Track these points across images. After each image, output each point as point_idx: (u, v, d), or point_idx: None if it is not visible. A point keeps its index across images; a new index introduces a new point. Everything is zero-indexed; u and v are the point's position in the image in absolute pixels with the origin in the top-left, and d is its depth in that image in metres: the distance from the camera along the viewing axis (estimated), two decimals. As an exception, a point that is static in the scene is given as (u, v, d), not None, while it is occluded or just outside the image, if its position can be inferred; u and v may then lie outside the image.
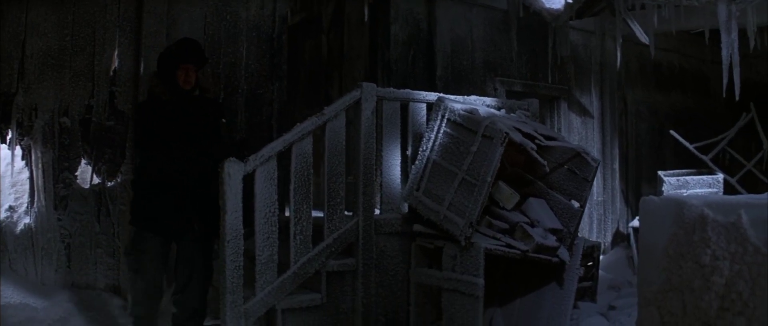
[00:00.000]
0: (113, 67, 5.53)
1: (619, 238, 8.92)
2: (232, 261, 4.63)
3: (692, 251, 3.18)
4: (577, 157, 5.67)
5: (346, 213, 5.24)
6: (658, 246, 3.36)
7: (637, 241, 8.21)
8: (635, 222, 8.34)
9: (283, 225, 4.95)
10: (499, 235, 5.31)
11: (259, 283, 4.78)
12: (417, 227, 5.43)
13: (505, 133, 4.92)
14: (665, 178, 8.12)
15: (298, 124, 4.98)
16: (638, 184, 9.30)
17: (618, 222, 8.95)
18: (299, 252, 4.96)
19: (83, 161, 5.45)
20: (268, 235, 4.81)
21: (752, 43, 6.23)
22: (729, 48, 5.79)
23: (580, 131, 8.50)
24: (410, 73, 6.96)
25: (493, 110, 5.68)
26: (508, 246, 5.24)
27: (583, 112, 8.55)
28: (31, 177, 5.35)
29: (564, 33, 8.14)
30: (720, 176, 8.10)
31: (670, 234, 3.30)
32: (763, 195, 3.36)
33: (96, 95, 5.46)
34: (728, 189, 8.15)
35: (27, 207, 5.34)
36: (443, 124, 5.34)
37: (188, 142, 4.80)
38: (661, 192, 8.12)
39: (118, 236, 5.53)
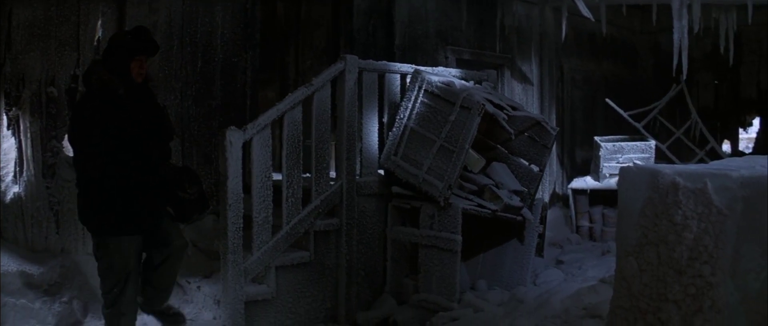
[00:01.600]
0: (97, 37, 5.93)
1: (556, 199, 9.85)
2: (233, 223, 5.18)
3: (666, 211, 3.96)
4: (538, 125, 6.46)
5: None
6: (635, 208, 4.13)
7: (575, 202, 9.16)
8: (574, 184, 9.27)
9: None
10: (470, 197, 6.05)
11: (256, 243, 5.35)
12: (395, 189, 6.11)
13: (483, 104, 5.64)
14: (601, 143, 9.06)
15: (290, 93, 5.55)
16: (573, 149, 10.24)
17: (554, 184, 9.87)
18: (291, 213, 5.56)
19: (70, 129, 5.86)
20: (264, 198, 5.38)
21: (697, 27, 7.15)
22: (680, 32, 6.68)
23: (521, 97, 9.32)
24: (371, 42, 7.57)
25: (464, 82, 6.39)
26: (480, 206, 6.00)
27: (524, 79, 9.37)
28: (19, 147, 5.72)
29: (509, 4, 8.91)
30: (652, 143, 9.10)
31: (646, 198, 4.07)
32: (724, 166, 4.18)
33: (81, 65, 5.85)
34: (659, 154, 9.17)
35: (14, 176, 5.73)
36: (421, 95, 6.02)
37: (153, 136, 4.66)
38: (598, 157, 9.06)
39: (104, 201, 5.97)
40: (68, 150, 5.79)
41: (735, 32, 8.67)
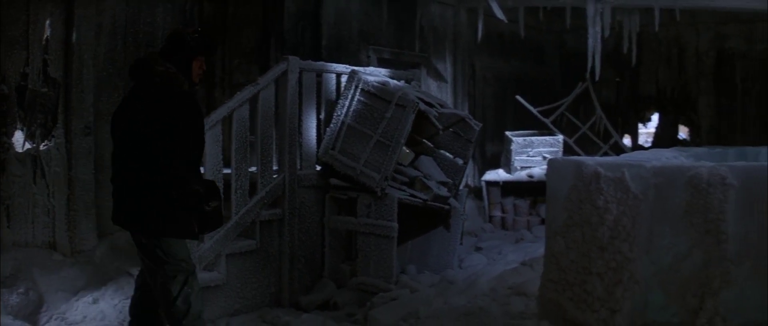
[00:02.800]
0: (45, 36, 6.34)
1: (469, 191, 10.69)
2: (187, 213, 5.73)
3: (589, 197, 4.77)
4: (462, 121, 7.24)
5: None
6: (562, 194, 4.92)
7: (488, 194, 10.02)
8: (487, 176, 10.13)
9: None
10: (403, 187, 6.77)
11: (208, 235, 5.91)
12: (333, 181, 6.76)
13: (417, 102, 6.37)
14: (513, 138, 9.95)
15: (238, 92, 6.13)
16: (484, 143, 11.11)
17: (467, 177, 10.71)
18: (239, 204, 6.13)
19: (18, 126, 6.26)
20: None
21: (608, 32, 8.09)
22: (594, 38, 7.60)
23: (436, 94, 10.07)
24: (300, 42, 8.17)
25: (397, 82, 7.10)
26: (413, 196, 6.72)
27: (439, 77, 10.16)
28: (-30, 143, 6.09)
29: (427, 5, 9.68)
30: (560, 137, 10.05)
31: (571, 185, 4.87)
32: (638, 158, 5.03)
33: (31, 63, 6.25)
34: (566, 148, 10.13)
35: (-36, 172, 6.09)
36: (357, 94, 6.68)
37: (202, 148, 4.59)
38: (509, 151, 9.94)
39: (53, 196, 6.38)
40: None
41: (637, 34, 9.71)
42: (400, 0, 9.36)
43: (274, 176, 6.48)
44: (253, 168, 6.38)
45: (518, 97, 10.36)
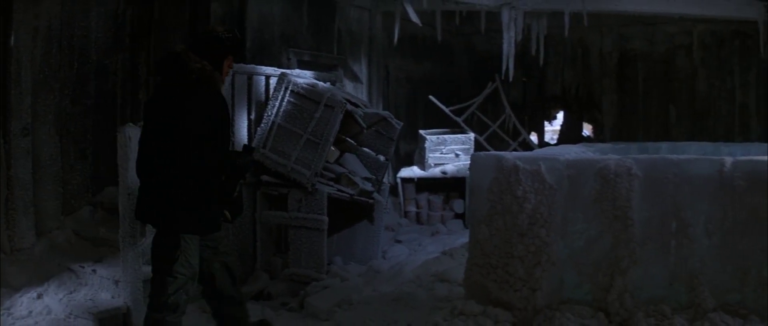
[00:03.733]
0: (-17, 39, 6.56)
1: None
2: (129, 210, 6.03)
3: (509, 188, 5.34)
4: (384, 120, 7.76)
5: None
6: (484, 186, 5.47)
7: (403, 190, 10.58)
8: (402, 173, 10.68)
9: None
10: (330, 183, 7.24)
11: (149, 228, 6.23)
12: (264, 178, 7.17)
13: (345, 103, 6.85)
14: (426, 136, 10.54)
15: (176, 94, 6.48)
16: (397, 142, 11.65)
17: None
18: (179, 201, 6.49)
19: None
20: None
21: (520, 37, 8.74)
22: (508, 43, 8.23)
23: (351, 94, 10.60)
24: (225, 45, 8.54)
25: (324, 84, 7.56)
26: (340, 191, 7.20)
27: (355, 78, 10.65)
28: None
29: (345, 9, 10.16)
30: (471, 135, 10.70)
31: (493, 178, 5.42)
32: (551, 153, 5.64)
33: (-33, 65, 6.47)
34: (478, 146, 10.78)
35: None
36: (287, 95, 7.11)
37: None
38: (424, 148, 10.52)
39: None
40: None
41: (545, 36, 10.44)
42: (319, 5, 9.80)
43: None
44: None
45: (431, 97, 10.95)
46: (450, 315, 5.35)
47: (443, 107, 10.92)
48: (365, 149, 7.90)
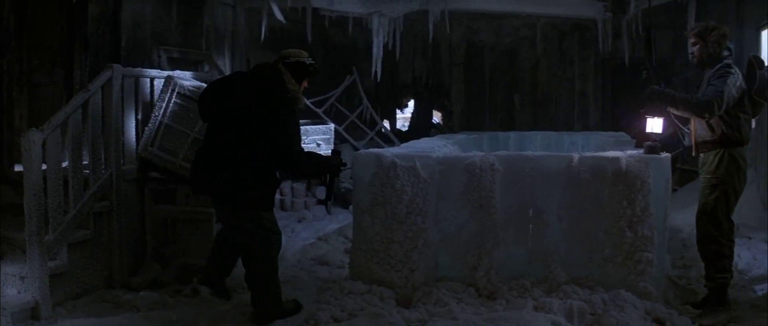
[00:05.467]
0: None
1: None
2: (36, 210, 6.54)
3: (389, 182, 6.27)
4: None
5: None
6: (366, 180, 6.36)
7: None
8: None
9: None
10: (215, 177, 7.94)
11: (52, 225, 6.75)
12: (153, 174, 7.79)
13: (231, 104, 7.56)
14: (290, 127, 11.31)
15: (74, 98, 7.01)
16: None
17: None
18: (77, 198, 7.03)
19: None
20: (56, 188, 6.80)
21: (383, 36, 9.70)
22: (378, 47, 9.14)
23: (217, 89, 11.24)
24: (101, 45, 9.02)
25: (205, 84, 8.19)
26: (225, 185, 7.92)
27: (220, 73, 11.29)
28: None
29: (211, 6, 10.79)
30: (331, 125, 11.58)
31: (374, 173, 6.34)
32: (423, 149, 6.60)
33: None
34: (337, 136, 11.67)
35: None
36: (174, 97, 7.73)
37: None
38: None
39: None
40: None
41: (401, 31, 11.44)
42: (188, 2, 10.39)
43: (103, 170, 7.38)
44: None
45: (292, 90, 11.70)
46: (340, 293, 6.21)
47: (304, 99, 11.68)
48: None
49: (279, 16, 10.36)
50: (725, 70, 5.75)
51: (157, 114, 7.80)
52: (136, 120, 7.89)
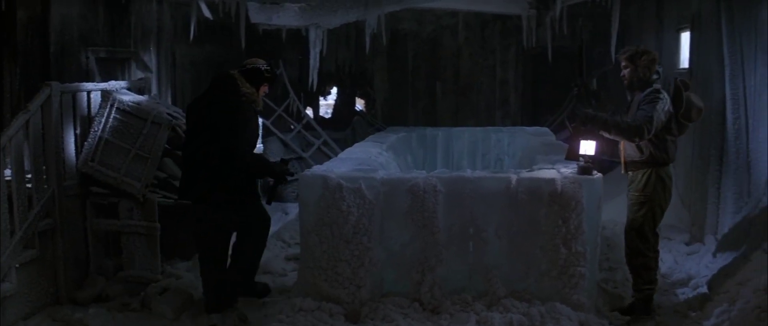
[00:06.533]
0: None
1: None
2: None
3: (335, 203, 6.63)
4: (199, 126, 8.73)
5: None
6: (313, 201, 6.70)
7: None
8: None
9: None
10: (155, 190, 8.16)
11: (2, 248, 6.91)
12: (95, 189, 7.95)
13: (171, 120, 7.78)
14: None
15: (15, 119, 7.12)
16: (186, 124, 12.52)
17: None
18: (22, 219, 7.17)
19: None
20: (2, 211, 6.94)
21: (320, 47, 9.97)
22: (315, 59, 9.40)
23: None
24: (30, 50, 9.06)
25: (148, 99, 8.36)
26: (166, 197, 8.15)
27: (146, 68, 11.37)
28: None
29: (136, 3, 10.85)
30: (259, 121, 11.77)
31: (320, 195, 6.68)
32: (373, 172, 6.96)
33: None
34: (264, 129, 11.92)
35: None
36: (113, 112, 7.88)
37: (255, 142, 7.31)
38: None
39: None
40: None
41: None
42: (114, 2, 10.43)
43: (45, 187, 7.52)
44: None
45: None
46: (291, 310, 6.57)
47: (260, 101, 11.85)
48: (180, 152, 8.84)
49: (207, 13, 10.50)
50: (654, 95, 6.27)
51: (96, 129, 7.95)
52: (75, 134, 8.01)
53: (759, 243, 6.52)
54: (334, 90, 15.64)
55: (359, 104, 15.73)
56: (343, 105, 15.06)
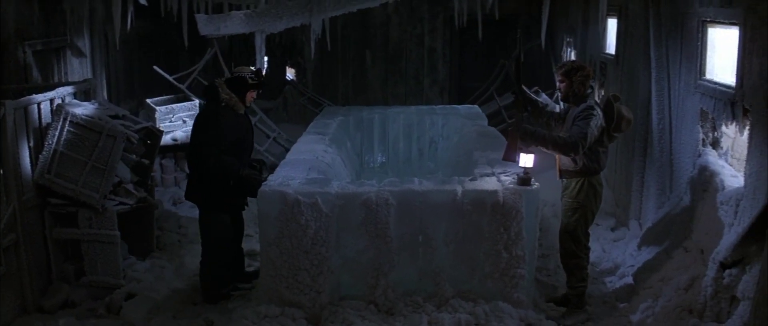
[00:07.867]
0: None
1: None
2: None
3: (294, 217, 7.21)
4: (147, 128, 9.16)
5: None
6: (272, 215, 7.24)
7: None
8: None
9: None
10: (111, 197, 8.61)
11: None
12: (53, 200, 8.35)
13: (126, 133, 8.20)
14: (156, 107, 11.87)
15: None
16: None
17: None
18: (-12, 240, 7.59)
19: None
20: (-30, 234, 7.35)
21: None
22: (260, 62, 9.80)
23: (78, 71, 11.56)
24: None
25: (93, 111, 8.70)
26: (122, 203, 8.61)
27: (80, 54, 11.60)
28: None
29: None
30: (196, 102, 12.17)
31: (279, 209, 7.24)
32: (328, 186, 7.55)
33: None
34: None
35: None
36: (67, 125, 8.24)
37: (249, 148, 8.14)
38: (155, 119, 11.86)
39: None
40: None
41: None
42: (48, -6, 10.62)
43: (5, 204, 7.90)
44: None
45: (156, 68, 12.17)
46: (256, 317, 7.19)
47: (168, 76, 12.20)
48: (133, 156, 9.26)
49: (142, 1, 10.74)
50: (589, 112, 7.00)
51: (50, 142, 8.30)
52: (29, 147, 8.34)
53: (680, 242, 7.35)
54: (265, 59, 16.04)
55: (290, 73, 16.14)
56: (274, 75, 15.47)
